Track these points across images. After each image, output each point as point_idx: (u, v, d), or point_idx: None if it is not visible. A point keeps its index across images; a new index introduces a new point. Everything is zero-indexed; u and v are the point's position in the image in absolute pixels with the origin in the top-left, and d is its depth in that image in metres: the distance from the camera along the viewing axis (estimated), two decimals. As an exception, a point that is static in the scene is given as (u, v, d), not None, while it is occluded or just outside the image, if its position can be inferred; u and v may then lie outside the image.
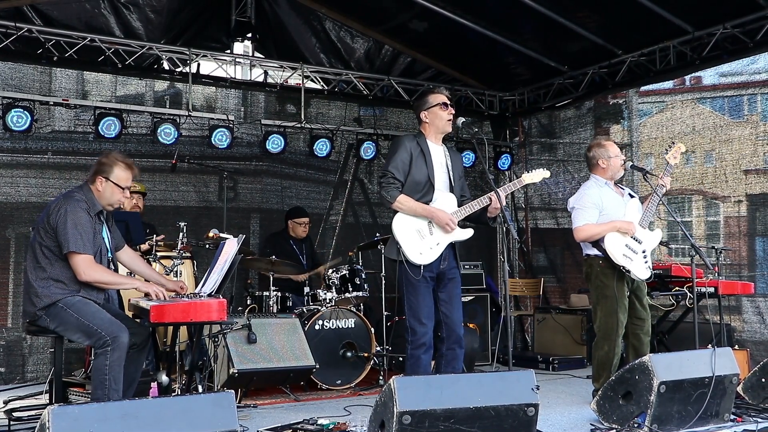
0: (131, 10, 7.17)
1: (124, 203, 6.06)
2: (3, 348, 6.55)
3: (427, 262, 4.35)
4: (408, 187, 4.43)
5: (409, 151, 4.44)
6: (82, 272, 4.03)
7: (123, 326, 3.96)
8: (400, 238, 4.35)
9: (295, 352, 5.46)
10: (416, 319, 4.34)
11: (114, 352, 3.86)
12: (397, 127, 8.56)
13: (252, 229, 7.95)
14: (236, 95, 7.96)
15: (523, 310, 8.81)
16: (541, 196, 8.99)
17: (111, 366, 3.85)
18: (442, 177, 4.50)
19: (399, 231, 4.37)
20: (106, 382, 3.83)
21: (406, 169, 4.42)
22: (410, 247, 4.34)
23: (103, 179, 4.22)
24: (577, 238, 5.14)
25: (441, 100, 4.52)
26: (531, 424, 3.56)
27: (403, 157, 4.43)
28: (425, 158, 4.45)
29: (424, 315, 4.35)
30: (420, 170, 4.43)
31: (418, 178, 4.43)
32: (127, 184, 4.28)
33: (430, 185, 4.44)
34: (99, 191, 4.23)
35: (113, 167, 4.23)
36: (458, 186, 4.58)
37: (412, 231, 4.37)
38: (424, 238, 4.38)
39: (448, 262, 4.48)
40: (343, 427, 4.28)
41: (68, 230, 4.01)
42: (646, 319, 5.15)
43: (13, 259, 6.76)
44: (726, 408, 4.35)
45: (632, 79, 7.57)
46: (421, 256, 4.34)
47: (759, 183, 6.89)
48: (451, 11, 7.26)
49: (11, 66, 6.75)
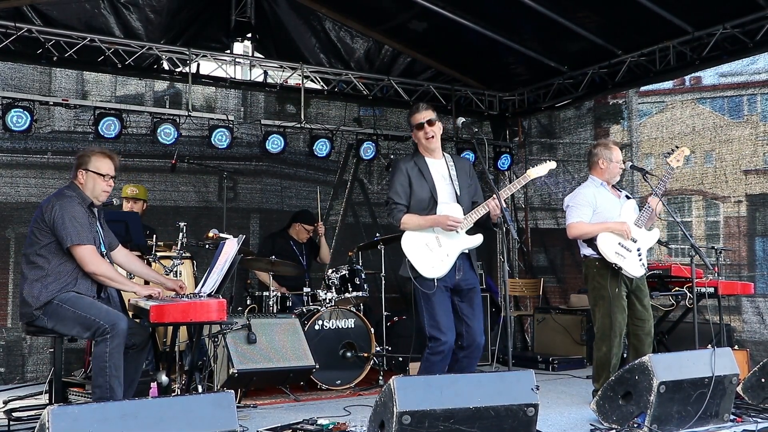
0: (131, 10, 7.17)
1: (119, 202, 6.07)
2: (3, 348, 6.56)
3: (440, 274, 4.33)
4: (413, 207, 4.45)
5: (406, 174, 4.47)
6: (88, 262, 4.07)
7: (120, 314, 4.02)
8: (410, 254, 4.36)
9: (295, 352, 5.46)
10: (436, 329, 4.30)
11: (114, 339, 3.88)
12: (397, 127, 8.56)
13: (252, 229, 7.94)
14: (236, 95, 7.96)
15: (522, 310, 8.80)
16: (541, 196, 8.99)
17: (111, 353, 3.87)
18: (446, 189, 4.49)
19: (408, 248, 4.38)
20: (107, 369, 3.85)
21: (406, 191, 4.45)
22: (421, 262, 4.34)
23: (83, 171, 4.29)
24: (569, 234, 5.18)
25: (415, 123, 4.51)
26: (531, 425, 3.56)
27: (400, 181, 4.46)
28: (423, 175, 4.46)
29: (444, 324, 4.31)
30: (422, 188, 4.45)
31: (421, 196, 4.44)
32: (108, 171, 4.32)
33: (433, 200, 4.44)
34: (83, 184, 4.29)
35: (90, 157, 4.32)
36: (469, 192, 4.55)
37: (421, 246, 4.37)
38: (433, 251, 4.37)
39: (464, 273, 4.45)
40: (342, 427, 4.29)
41: (66, 224, 4.04)
42: (647, 320, 5.15)
43: (13, 259, 6.76)
44: (726, 408, 4.35)
45: (632, 79, 7.57)
46: (433, 269, 4.33)
47: (759, 183, 6.89)
48: (450, 11, 7.26)
49: (11, 66, 6.75)
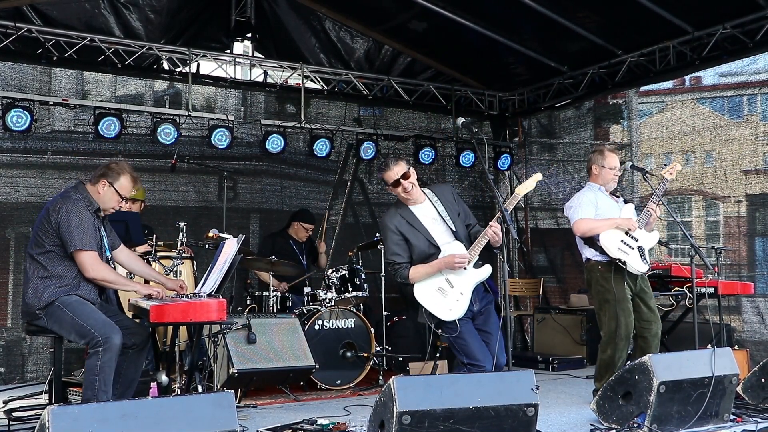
0: (131, 10, 7.17)
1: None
2: (3, 348, 6.56)
3: (459, 315, 4.32)
4: (416, 260, 4.43)
5: (397, 231, 4.44)
6: (90, 268, 4.06)
7: (116, 328, 3.97)
8: (425, 302, 4.34)
9: (295, 352, 5.46)
10: (473, 359, 4.30)
11: (105, 353, 3.86)
12: (397, 127, 8.56)
13: (252, 229, 7.95)
14: (236, 95, 7.96)
15: (522, 310, 8.80)
16: (541, 196, 8.99)
17: (102, 367, 3.85)
18: (441, 230, 4.45)
19: (421, 296, 4.36)
20: (96, 383, 3.84)
21: (404, 248, 4.43)
22: (438, 308, 4.33)
23: (107, 183, 4.26)
24: (577, 232, 5.12)
25: (391, 181, 4.44)
26: (530, 424, 3.56)
27: (395, 241, 4.44)
28: (415, 227, 4.44)
29: (479, 352, 4.30)
30: (418, 240, 4.42)
31: (421, 248, 4.42)
32: (127, 195, 4.36)
33: (434, 247, 4.41)
34: (99, 194, 4.26)
35: (120, 176, 4.29)
36: (461, 222, 4.51)
37: (433, 291, 4.35)
38: (447, 294, 4.35)
39: (480, 303, 4.44)
40: (342, 427, 4.29)
41: (72, 229, 4.03)
42: (653, 321, 5.12)
43: (13, 259, 6.76)
44: (725, 408, 4.35)
45: (632, 79, 7.56)
46: (450, 312, 4.32)
47: (759, 183, 6.89)
48: (450, 11, 7.26)
49: (11, 66, 6.75)
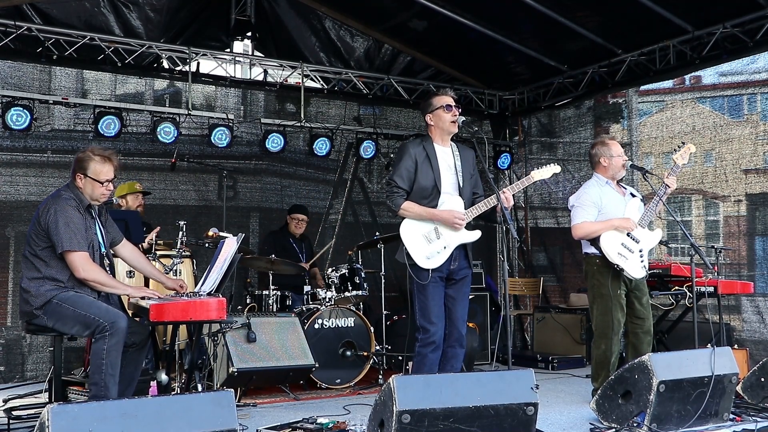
0: (131, 9, 7.17)
1: (122, 203, 6.08)
2: (2, 347, 6.56)
3: (435, 266, 4.35)
4: (415, 194, 4.43)
5: (414, 158, 4.43)
6: (80, 269, 4.04)
7: (120, 313, 4.01)
8: (408, 242, 4.37)
9: (295, 351, 5.46)
10: (426, 319, 4.35)
11: (112, 336, 3.87)
12: (397, 126, 8.56)
13: (251, 228, 7.95)
14: (236, 94, 7.96)
15: (522, 309, 8.81)
16: (541, 196, 8.99)
17: (108, 351, 3.86)
18: (450, 180, 4.48)
19: (406, 236, 4.38)
20: (103, 367, 3.85)
21: (411, 176, 4.43)
22: (417, 252, 4.35)
23: (81, 176, 4.20)
24: (575, 235, 5.16)
25: (444, 102, 4.49)
26: (530, 424, 3.56)
27: (407, 165, 4.43)
28: (431, 163, 4.43)
29: (434, 314, 4.36)
30: (426, 176, 4.42)
31: (425, 184, 4.42)
32: (107, 177, 4.22)
33: (437, 190, 4.42)
34: (81, 188, 4.23)
35: (89, 162, 4.20)
36: (470, 184, 4.55)
37: (419, 236, 4.37)
38: (431, 242, 4.38)
39: (458, 263, 4.47)
40: (342, 426, 4.28)
41: (60, 229, 4.01)
42: (646, 319, 5.14)
43: (13, 258, 6.76)
44: (725, 407, 4.35)
45: (632, 78, 7.56)
46: (428, 260, 4.34)
47: (759, 183, 6.88)
48: (450, 10, 7.25)
49: (11, 65, 6.75)
